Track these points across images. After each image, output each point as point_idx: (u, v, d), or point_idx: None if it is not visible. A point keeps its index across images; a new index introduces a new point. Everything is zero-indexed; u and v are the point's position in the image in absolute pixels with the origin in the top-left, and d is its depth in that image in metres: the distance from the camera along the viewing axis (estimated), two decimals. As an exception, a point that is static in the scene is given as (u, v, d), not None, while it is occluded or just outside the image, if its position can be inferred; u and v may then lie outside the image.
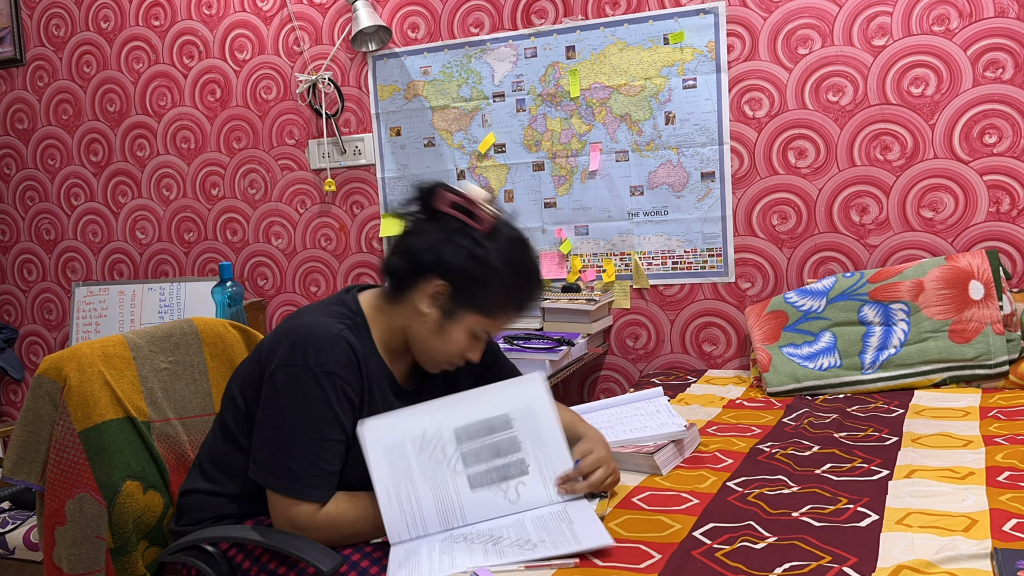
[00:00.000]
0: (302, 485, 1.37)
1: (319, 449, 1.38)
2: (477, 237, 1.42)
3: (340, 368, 1.39)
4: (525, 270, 1.47)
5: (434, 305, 1.44)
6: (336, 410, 1.38)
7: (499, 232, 1.45)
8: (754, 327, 2.43)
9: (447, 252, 1.41)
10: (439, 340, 1.45)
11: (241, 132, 3.32)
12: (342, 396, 1.39)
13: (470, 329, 1.45)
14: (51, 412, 1.57)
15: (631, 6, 2.74)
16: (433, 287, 1.42)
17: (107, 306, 3.39)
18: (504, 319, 1.47)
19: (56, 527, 1.56)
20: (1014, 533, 1.25)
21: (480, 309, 1.43)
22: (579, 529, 1.32)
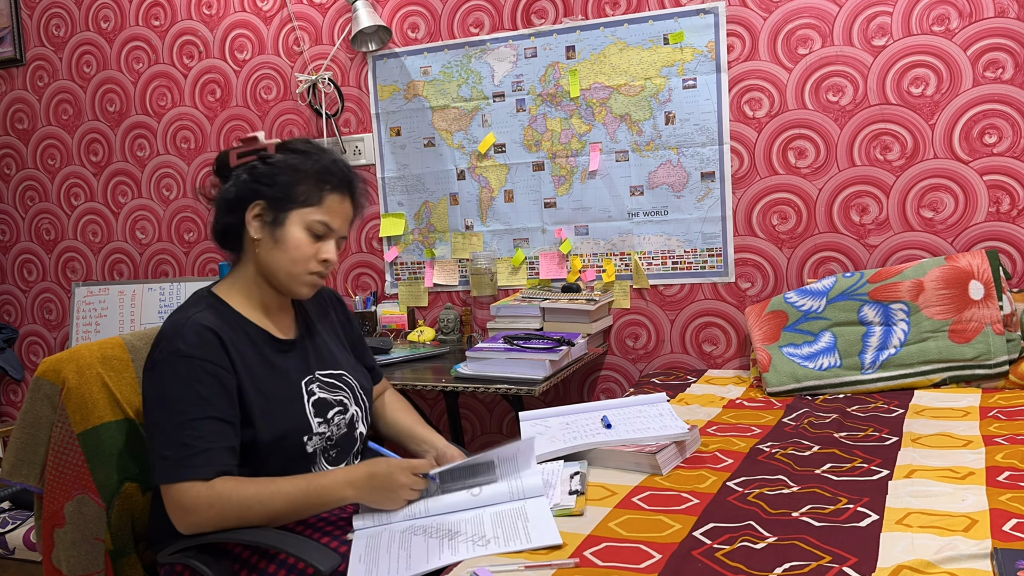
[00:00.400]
0: (179, 467, 1.38)
1: (189, 430, 1.39)
2: (264, 156, 1.54)
3: (193, 349, 1.43)
4: (314, 153, 1.55)
5: (262, 224, 1.52)
6: (197, 389, 1.41)
7: (282, 145, 1.57)
8: (754, 327, 2.43)
9: (244, 181, 1.52)
10: (281, 251, 1.51)
11: (241, 132, 3.32)
12: (202, 373, 1.42)
13: (305, 225, 1.51)
14: (50, 414, 1.57)
15: (631, 6, 2.74)
16: (252, 212, 1.52)
17: (107, 306, 3.39)
18: (329, 201, 1.52)
19: (55, 529, 1.56)
20: (1014, 533, 1.25)
21: (300, 202, 1.51)
22: (532, 527, 1.35)
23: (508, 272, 2.97)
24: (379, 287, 3.18)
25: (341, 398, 1.61)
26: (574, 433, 1.76)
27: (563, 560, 1.25)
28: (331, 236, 1.54)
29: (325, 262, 1.54)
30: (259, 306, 1.57)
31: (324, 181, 1.52)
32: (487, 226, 2.99)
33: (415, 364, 2.63)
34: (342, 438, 1.59)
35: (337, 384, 1.63)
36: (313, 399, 1.56)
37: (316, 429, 1.54)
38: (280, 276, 1.53)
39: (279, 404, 1.51)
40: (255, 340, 1.53)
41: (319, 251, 1.53)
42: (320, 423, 1.55)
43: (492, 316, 2.73)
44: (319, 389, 1.58)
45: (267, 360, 1.53)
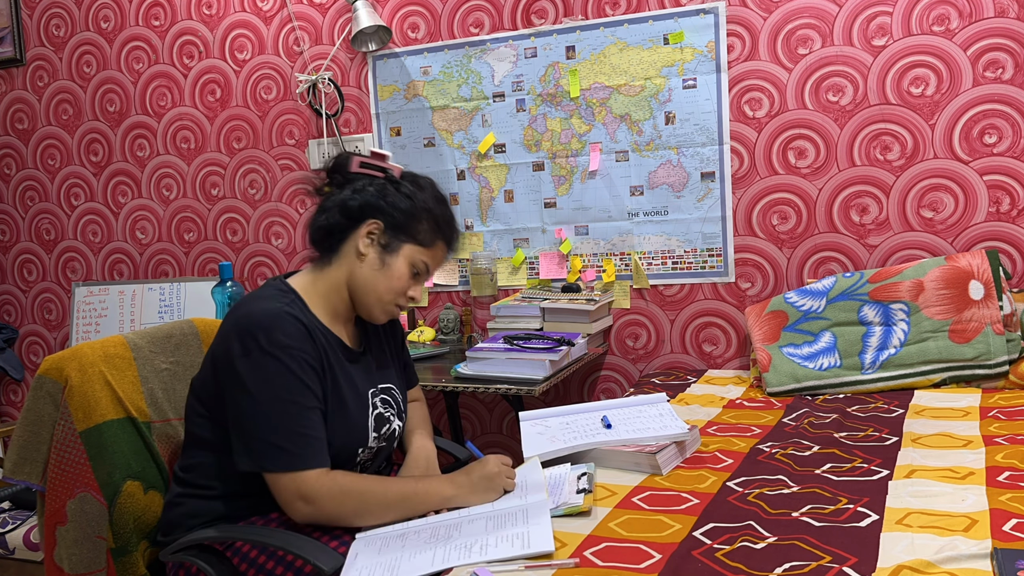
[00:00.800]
0: (298, 456, 1.41)
1: (302, 419, 1.42)
2: (393, 180, 1.57)
3: (293, 340, 1.44)
4: (443, 200, 1.60)
5: (373, 243, 1.54)
6: (303, 379, 1.43)
7: (410, 175, 1.60)
8: (754, 327, 2.43)
9: (371, 195, 1.54)
10: (383, 276, 1.54)
11: (241, 132, 3.32)
12: (304, 365, 1.44)
13: (409, 260, 1.55)
14: (52, 412, 1.57)
15: (631, 6, 2.74)
16: (368, 227, 1.53)
17: (107, 306, 3.39)
18: (436, 248, 1.58)
19: (57, 527, 1.56)
20: (1014, 533, 1.25)
21: (414, 239, 1.54)
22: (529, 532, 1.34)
23: (508, 272, 2.97)
24: (379, 287, 3.18)
25: (391, 414, 1.64)
26: (574, 433, 1.76)
27: (563, 560, 1.25)
28: (424, 278, 1.59)
29: (411, 300, 1.59)
30: (332, 312, 1.57)
31: (441, 229, 1.57)
32: (487, 226, 2.99)
33: (415, 364, 2.62)
34: (383, 451, 1.64)
35: (389, 400, 1.65)
36: (375, 412, 1.58)
37: (370, 443, 1.57)
38: (369, 298, 1.55)
39: (348, 413, 1.52)
40: (332, 344, 1.54)
41: (410, 288, 1.57)
42: (375, 438, 1.58)
43: (492, 316, 2.73)
44: (380, 404, 1.61)
45: (342, 366, 1.55)
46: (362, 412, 1.55)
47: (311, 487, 1.40)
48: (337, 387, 1.51)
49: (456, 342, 2.90)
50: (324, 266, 1.57)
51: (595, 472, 1.62)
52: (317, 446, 1.42)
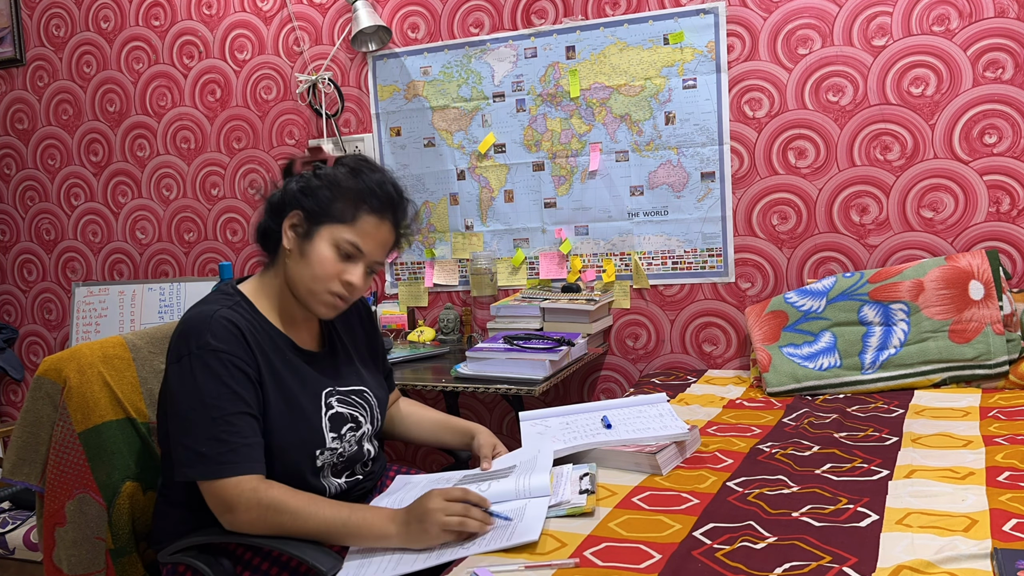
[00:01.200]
0: (218, 464, 1.35)
1: (224, 425, 1.36)
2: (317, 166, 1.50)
3: (222, 343, 1.39)
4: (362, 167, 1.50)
5: (295, 235, 1.48)
6: (230, 384, 1.37)
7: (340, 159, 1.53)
8: (754, 327, 2.43)
9: (292, 188, 1.50)
10: (307, 266, 1.46)
11: (241, 132, 3.32)
12: (232, 368, 1.38)
13: (333, 243, 1.45)
14: (51, 413, 1.57)
15: (631, 6, 2.74)
16: (289, 221, 1.48)
17: (107, 306, 3.39)
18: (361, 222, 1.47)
19: (56, 528, 1.56)
20: (1014, 533, 1.25)
21: (334, 218, 1.45)
22: (521, 526, 1.35)
23: (508, 272, 2.97)
24: (379, 287, 3.18)
25: (357, 414, 1.58)
26: (574, 433, 1.76)
27: (563, 560, 1.25)
28: (360, 259, 1.48)
29: (348, 284, 1.47)
30: (284, 313, 1.53)
31: (363, 200, 1.47)
32: (487, 226, 2.99)
33: (415, 364, 2.63)
34: (352, 455, 1.57)
35: (357, 401, 1.59)
36: (331, 413, 1.52)
37: (329, 444, 1.50)
38: (300, 290, 1.48)
39: (298, 412, 1.47)
40: (279, 345, 1.49)
41: (343, 272, 1.47)
42: (334, 439, 1.51)
43: (492, 316, 2.73)
44: (337, 403, 1.55)
45: (290, 365, 1.49)
46: (314, 412, 1.49)
47: (232, 495, 1.34)
48: (284, 387, 1.46)
49: (456, 342, 2.90)
50: (269, 267, 1.54)
51: (597, 472, 1.62)
52: (244, 452, 1.36)
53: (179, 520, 1.49)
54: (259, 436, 1.40)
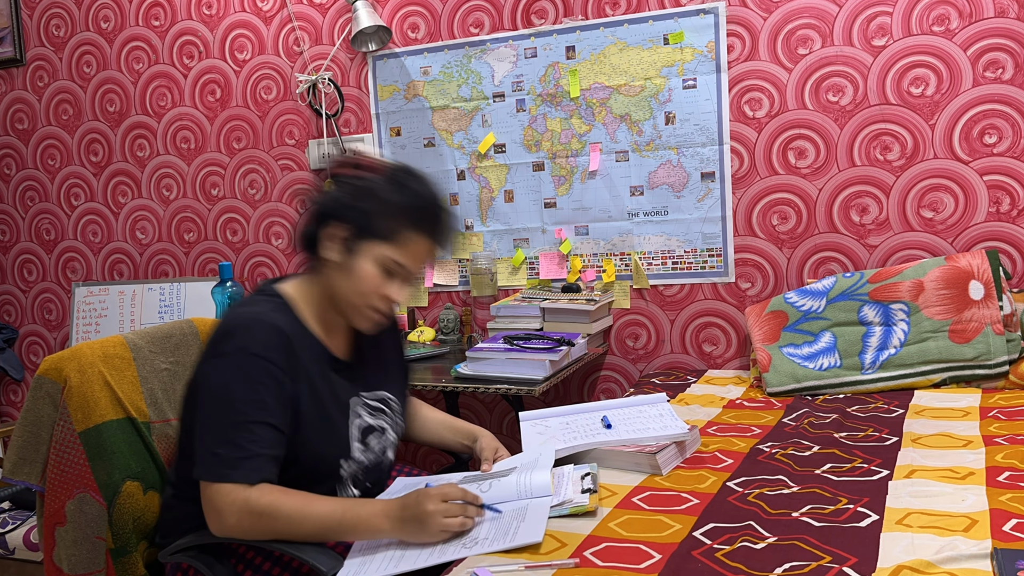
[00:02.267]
0: (226, 467, 1.34)
1: (244, 431, 1.35)
2: (365, 176, 1.46)
3: (264, 349, 1.38)
4: (411, 187, 1.46)
5: (338, 248, 1.45)
6: (260, 392, 1.36)
7: (388, 168, 1.48)
8: (754, 327, 2.43)
9: (337, 197, 1.46)
10: (350, 281, 1.44)
11: (241, 132, 3.32)
12: (267, 377, 1.37)
13: (377, 261, 1.44)
14: (51, 412, 1.57)
15: (631, 6, 2.74)
16: (329, 232, 1.45)
17: (107, 306, 3.39)
18: (409, 243, 1.45)
19: (56, 527, 1.56)
20: (1014, 533, 1.25)
21: (378, 236, 1.43)
22: (523, 526, 1.34)
23: (508, 272, 2.97)
24: (379, 287, 3.18)
25: (382, 423, 1.58)
26: (574, 433, 1.76)
27: (563, 560, 1.25)
28: (402, 275, 1.47)
29: (389, 300, 1.47)
30: (322, 321, 1.52)
31: (410, 221, 1.44)
32: (487, 226, 2.99)
33: (415, 364, 2.63)
34: (376, 466, 1.57)
35: (381, 408, 1.59)
36: (357, 421, 1.52)
37: (355, 455, 1.50)
38: (342, 304, 1.48)
39: (328, 422, 1.47)
40: (317, 355, 1.48)
41: (385, 288, 1.46)
42: (360, 449, 1.52)
43: (492, 316, 2.73)
44: (363, 411, 1.54)
45: (325, 377, 1.49)
46: (343, 421, 1.50)
47: (224, 501, 1.33)
48: (317, 398, 1.45)
49: (456, 342, 2.90)
50: (312, 274, 1.53)
51: (598, 472, 1.62)
52: (252, 462, 1.34)
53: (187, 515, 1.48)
54: (275, 448, 1.38)
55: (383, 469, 1.61)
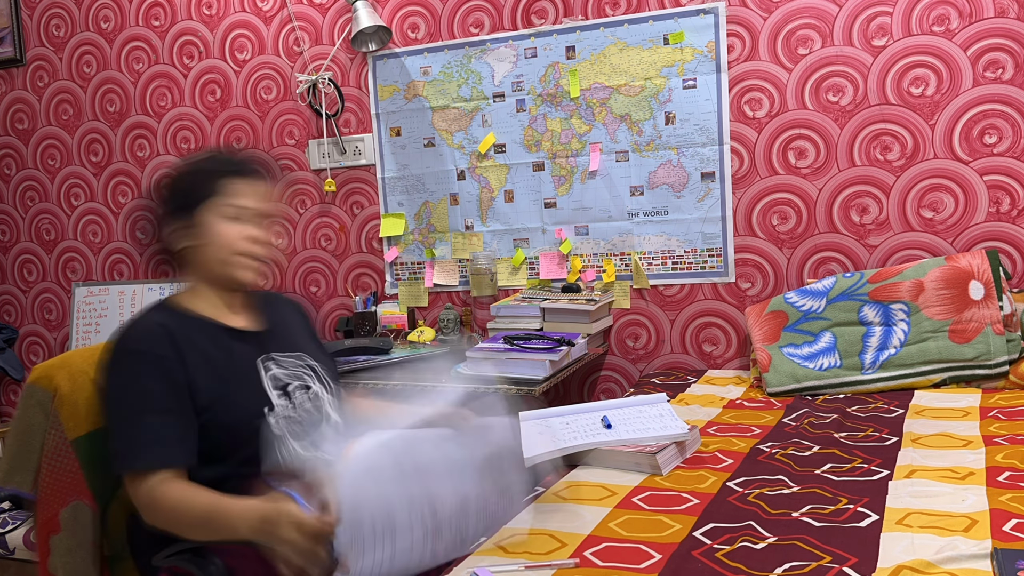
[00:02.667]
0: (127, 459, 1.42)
1: (138, 422, 1.42)
2: (162, 181, 1.61)
3: (142, 344, 1.46)
4: (203, 156, 1.60)
5: (184, 234, 1.55)
6: (142, 383, 1.43)
7: (175, 165, 1.63)
8: (754, 327, 2.43)
9: (157, 204, 1.59)
10: (211, 247, 1.54)
11: (241, 132, 3.32)
12: (147, 366, 1.44)
13: (218, 215, 1.53)
14: (42, 421, 1.57)
15: (631, 6, 2.74)
16: (172, 228, 1.55)
17: (107, 306, 3.39)
18: (227, 188, 1.54)
19: (51, 536, 1.56)
20: (1014, 533, 1.25)
21: (200, 199, 1.53)
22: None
23: (508, 272, 2.97)
24: (379, 287, 3.18)
25: (301, 374, 1.60)
26: (574, 433, 1.76)
27: (563, 560, 1.25)
28: (251, 218, 1.56)
29: (252, 239, 1.55)
30: (212, 305, 1.59)
31: (217, 172, 1.56)
32: (487, 226, 2.99)
33: (415, 364, 2.63)
34: (309, 418, 1.56)
35: (298, 363, 1.61)
36: (269, 374, 1.55)
37: (276, 402, 1.51)
38: (217, 269, 1.55)
39: (235, 382, 1.51)
40: (208, 330, 1.55)
41: (244, 232, 1.54)
42: (280, 396, 1.53)
43: (492, 316, 2.73)
44: (275, 366, 1.58)
45: (222, 345, 1.54)
46: (252, 377, 1.53)
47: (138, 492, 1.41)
48: (216, 364, 1.50)
49: (456, 342, 2.90)
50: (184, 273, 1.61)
51: None
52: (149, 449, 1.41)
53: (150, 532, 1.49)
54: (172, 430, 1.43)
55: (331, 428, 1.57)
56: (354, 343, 2.74)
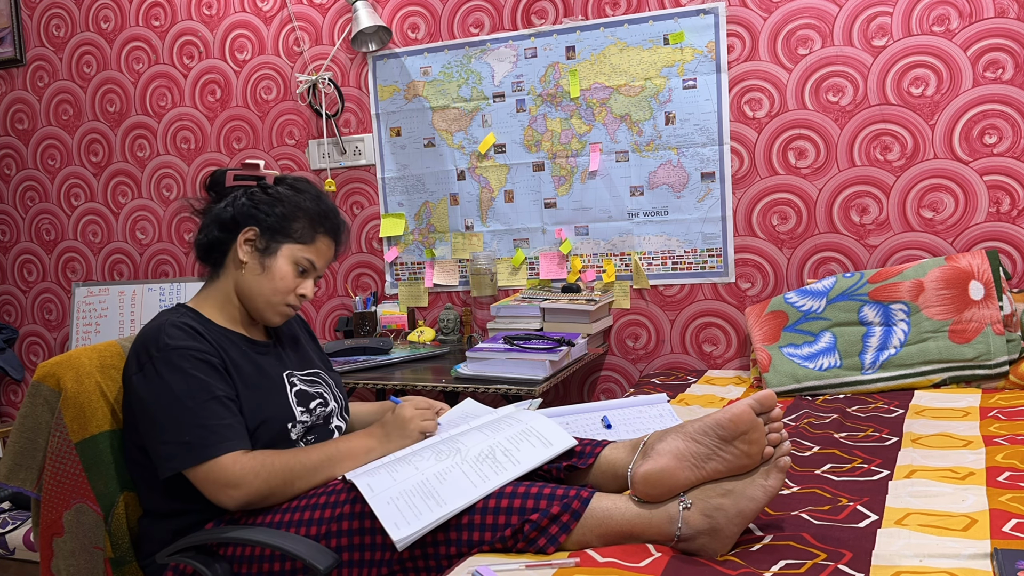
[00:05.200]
0: (206, 447, 1.42)
1: (203, 412, 1.43)
2: (265, 186, 1.63)
3: (181, 341, 1.48)
4: (315, 195, 1.64)
5: (252, 249, 1.59)
6: (195, 374, 1.45)
7: (282, 179, 1.66)
8: (754, 327, 2.43)
9: (244, 204, 1.60)
10: (267, 279, 1.58)
11: (241, 132, 3.32)
12: (194, 360, 1.47)
13: (291, 259, 1.59)
14: (48, 419, 1.57)
15: (631, 6, 2.74)
16: (244, 236, 1.59)
17: (107, 306, 3.39)
18: (318, 243, 1.61)
19: (54, 538, 1.56)
20: (1014, 533, 1.25)
21: (291, 238, 1.59)
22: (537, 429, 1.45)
23: (508, 272, 2.97)
24: (379, 287, 3.18)
25: (321, 391, 1.67)
26: (574, 433, 1.75)
27: (563, 560, 1.25)
28: (313, 274, 1.63)
29: (302, 296, 1.61)
30: (230, 318, 1.63)
31: (319, 223, 1.61)
32: (487, 226, 2.99)
33: (415, 364, 2.63)
34: (319, 429, 1.64)
35: (316, 380, 1.69)
36: (295, 389, 1.61)
37: (299, 417, 1.58)
38: (258, 302, 1.60)
39: (264, 394, 1.55)
40: (233, 340, 1.59)
41: (299, 286, 1.61)
42: (303, 412, 1.60)
43: (492, 316, 2.73)
44: (300, 382, 1.64)
45: (247, 357, 1.58)
46: (280, 391, 1.58)
47: (231, 472, 1.41)
48: (244, 375, 1.54)
49: (456, 342, 2.90)
50: (214, 279, 1.64)
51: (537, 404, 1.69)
52: (226, 432, 1.44)
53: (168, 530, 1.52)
54: (237, 415, 1.48)
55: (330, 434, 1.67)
56: (354, 343, 2.74)
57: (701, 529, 1.25)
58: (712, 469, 1.28)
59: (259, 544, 1.41)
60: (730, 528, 1.24)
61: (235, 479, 1.41)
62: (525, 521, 1.28)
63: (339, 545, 1.37)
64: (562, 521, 1.28)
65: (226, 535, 1.42)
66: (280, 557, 1.41)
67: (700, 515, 1.25)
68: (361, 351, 2.70)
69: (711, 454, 1.28)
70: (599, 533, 1.28)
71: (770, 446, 1.29)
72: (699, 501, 1.26)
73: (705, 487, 1.28)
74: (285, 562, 1.40)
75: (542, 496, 1.30)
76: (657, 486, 1.28)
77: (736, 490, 1.26)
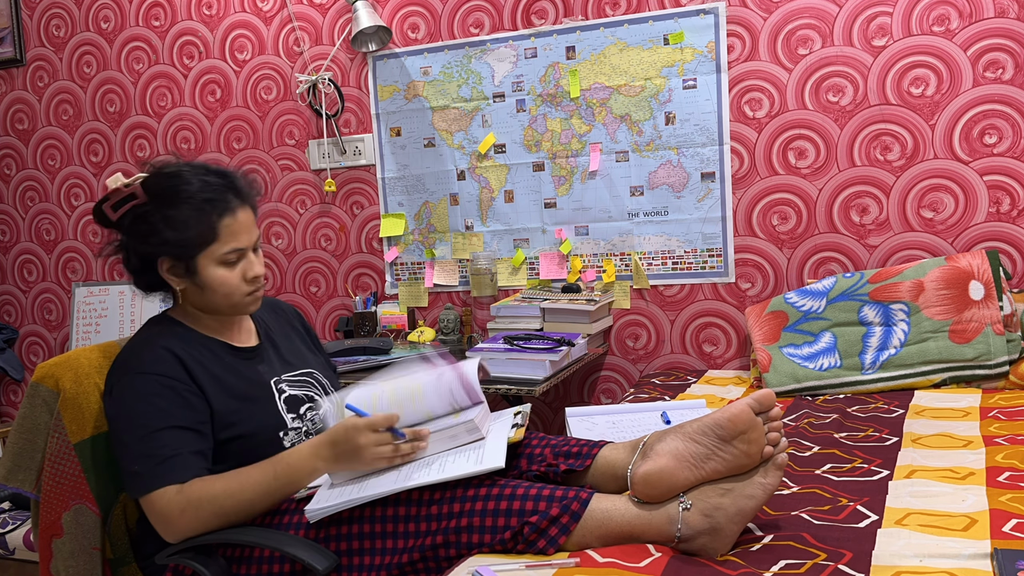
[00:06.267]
0: (149, 478, 1.41)
1: (152, 441, 1.42)
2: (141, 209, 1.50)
3: (150, 366, 1.47)
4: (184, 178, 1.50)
5: (178, 276, 1.53)
6: (155, 402, 1.44)
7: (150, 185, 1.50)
8: (754, 327, 2.43)
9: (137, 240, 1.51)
10: (210, 291, 1.53)
11: (241, 132, 3.32)
12: (158, 387, 1.45)
13: (215, 262, 1.51)
14: (47, 420, 1.56)
15: (631, 6, 2.74)
16: (163, 269, 1.53)
17: (107, 306, 3.39)
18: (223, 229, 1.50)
19: (53, 539, 1.55)
20: (1014, 533, 1.25)
21: (198, 246, 1.49)
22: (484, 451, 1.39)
23: (508, 272, 2.97)
24: (379, 287, 3.18)
25: (311, 393, 1.65)
26: (622, 432, 1.77)
27: (563, 560, 1.25)
28: (247, 253, 1.55)
29: (254, 279, 1.56)
30: (213, 324, 1.61)
31: (209, 209, 1.49)
32: (487, 226, 2.99)
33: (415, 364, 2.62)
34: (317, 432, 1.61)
35: (307, 381, 1.67)
36: (284, 396, 1.60)
37: (291, 425, 1.58)
38: (221, 308, 1.57)
39: (251, 404, 1.54)
40: (216, 352, 1.57)
41: (243, 273, 1.55)
42: (293, 419, 1.59)
43: (492, 316, 2.73)
44: (288, 387, 1.62)
45: (232, 368, 1.57)
46: (268, 399, 1.57)
47: (162, 506, 1.41)
48: (229, 387, 1.53)
49: (456, 342, 2.90)
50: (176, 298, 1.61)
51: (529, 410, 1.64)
52: (171, 463, 1.41)
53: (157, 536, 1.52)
54: (191, 445, 1.45)
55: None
56: (354, 343, 2.74)
57: (701, 529, 1.25)
58: (711, 469, 1.27)
59: (258, 545, 1.41)
60: (730, 527, 1.24)
61: (165, 514, 1.41)
62: (524, 523, 1.27)
63: (338, 547, 1.37)
64: (561, 523, 1.28)
65: (225, 536, 1.42)
66: (279, 558, 1.40)
67: (700, 515, 1.25)
68: (361, 351, 2.70)
69: (710, 454, 1.28)
70: (599, 534, 1.28)
71: (769, 445, 1.29)
72: (699, 501, 1.26)
73: (704, 487, 1.28)
74: (284, 563, 1.40)
75: (541, 498, 1.30)
76: (656, 486, 1.28)
77: (735, 489, 1.26)
